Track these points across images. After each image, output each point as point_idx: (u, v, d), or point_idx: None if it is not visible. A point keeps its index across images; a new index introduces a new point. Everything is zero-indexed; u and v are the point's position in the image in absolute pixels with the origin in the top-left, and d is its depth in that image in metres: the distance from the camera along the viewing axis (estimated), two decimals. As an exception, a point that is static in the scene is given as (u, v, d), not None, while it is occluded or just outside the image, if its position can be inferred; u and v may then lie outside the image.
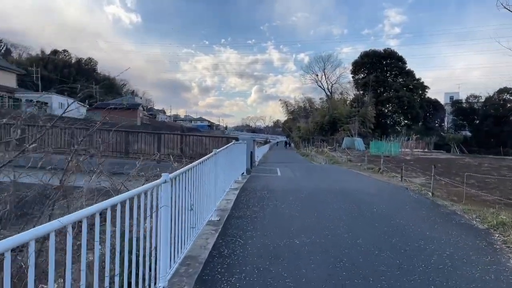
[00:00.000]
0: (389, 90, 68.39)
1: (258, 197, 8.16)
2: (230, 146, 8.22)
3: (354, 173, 14.54)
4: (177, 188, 3.84)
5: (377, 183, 11.27)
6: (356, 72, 74.53)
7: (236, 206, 7.19)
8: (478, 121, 70.61)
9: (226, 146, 7.64)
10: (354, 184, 10.59)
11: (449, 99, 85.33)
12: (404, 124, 68.11)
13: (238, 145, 10.35)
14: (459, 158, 31.51)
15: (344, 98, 71.98)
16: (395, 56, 72.82)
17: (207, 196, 5.85)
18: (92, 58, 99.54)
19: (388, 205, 7.41)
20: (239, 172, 11.07)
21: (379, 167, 16.92)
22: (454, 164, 25.34)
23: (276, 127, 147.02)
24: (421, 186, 11.18)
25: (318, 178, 12.41)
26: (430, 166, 23.43)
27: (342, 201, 7.73)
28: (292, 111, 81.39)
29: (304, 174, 13.91)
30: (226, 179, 7.92)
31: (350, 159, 22.98)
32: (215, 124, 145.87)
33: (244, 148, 12.54)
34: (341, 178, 12.37)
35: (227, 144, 8.07)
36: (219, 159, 7.02)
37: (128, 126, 61.72)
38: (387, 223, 5.93)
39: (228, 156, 8.26)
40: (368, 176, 13.75)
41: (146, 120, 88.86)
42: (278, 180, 11.33)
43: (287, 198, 8.07)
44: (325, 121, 60.80)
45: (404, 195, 9.02)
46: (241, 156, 11.72)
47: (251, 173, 13.36)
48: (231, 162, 8.74)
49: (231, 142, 8.77)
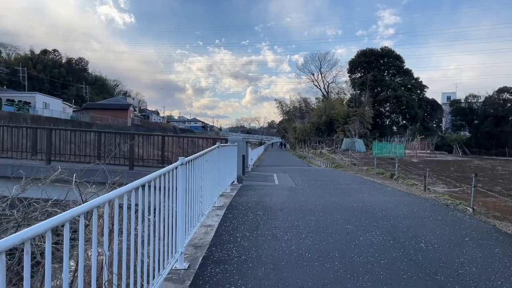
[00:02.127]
0: (387, 89, 66.51)
1: (250, 221, 5.89)
2: (211, 152, 5.94)
3: (364, 181, 12.30)
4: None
5: (399, 195, 9.04)
6: (352, 71, 72.67)
7: (218, 239, 4.91)
8: (478, 121, 69.04)
9: (204, 151, 5.37)
10: (373, 198, 8.34)
11: (446, 99, 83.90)
12: (403, 125, 66.27)
13: (225, 149, 8.07)
14: (466, 160, 29.46)
15: (341, 98, 70.03)
16: (392, 55, 71.06)
17: (168, 233, 3.62)
18: (83, 58, 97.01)
19: (437, 236, 5.17)
20: (227, 182, 8.79)
21: (390, 172, 14.71)
22: (465, 167, 23.26)
23: (271, 128, 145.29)
24: (454, 199, 8.97)
25: (325, 188, 10.14)
26: (442, 170, 21.33)
27: (369, 228, 5.48)
28: (287, 111, 79.26)
29: (307, 182, 11.65)
30: (206, 198, 5.66)
31: (354, 163, 20.77)
32: (209, 125, 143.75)
33: (234, 152, 10.26)
34: (353, 188, 10.12)
35: (208, 149, 5.79)
36: (194, 171, 4.77)
37: (118, 127, 59.17)
38: (455, 277, 3.68)
39: (211, 165, 6.00)
40: (382, 184, 11.52)
41: (138, 121, 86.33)
42: (276, 192, 9.05)
43: (291, 222, 5.81)
44: (322, 121, 58.70)
45: (444, 214, 6.79)
46: (231, 161, 9.45)
47: (243, 181, 11.08)
48: (215, 171, 6.47)
49: (215, 146, 6.48)
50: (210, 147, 6.76)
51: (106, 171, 11.14)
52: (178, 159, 4.12)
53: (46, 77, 77.90)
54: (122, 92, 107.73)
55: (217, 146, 6.71)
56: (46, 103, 54.38)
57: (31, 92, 57.33)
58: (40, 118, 42.73)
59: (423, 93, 68.70)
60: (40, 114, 47.46)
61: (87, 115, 61.68)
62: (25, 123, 35.73)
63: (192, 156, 4.72)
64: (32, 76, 73.96)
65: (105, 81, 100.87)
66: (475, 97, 70.18)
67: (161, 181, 3.56)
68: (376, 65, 70.15)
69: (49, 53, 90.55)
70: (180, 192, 4.06)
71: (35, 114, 45.75)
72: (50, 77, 78.73)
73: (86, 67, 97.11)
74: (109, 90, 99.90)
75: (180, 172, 4.08)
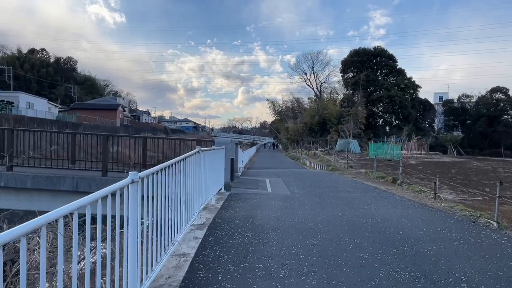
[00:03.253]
0: (380, 89, 65.75)
1: (236, 247, 4.65)
2: (187, 159, 4.70)
3: (366, 187, 11.14)
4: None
5: (410, 206, 7.87)
6: (345, 71, 71.85)
7: (192, 276, 3.67)
8: (470, 121, 68.64)
9: (175, 160, 4.13)
10: (382, 210, 7.16)
11: (438, 99, 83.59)
12: (396, 125, 65.55)
13: (209, 154, 6.83)
14: (464, 161, 28.59)
15: (334, 98, 69.08)
16: (385, 54, 70.36)
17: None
18: (72, 57, 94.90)
19: (478, 269, 3.99)
20: (212, 192, 7.55)
21: (392, 177, 13.59)
22: (466, 169, 22.32)
23: (263, 128, 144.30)
24: (469, 209, 7.84)
25: (324, 197, 8.95)
26: (443, 172, 20.29)
27: (387, 258, 4.29)
28: (279, 111, 78.06)
29: (303, 188, 10.45)
30: (180, 217, 4.43)
31: (350, 165, 19.62)
32: (200, 125, 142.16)
33: (221, 156, 9.02)
34: (356, 197, 8.93)
35: (182, 156, 4.54)
36: (158, 188, 3.56)
37: (106, 128, 57.41)
38: None
39: (188, 175, 4.76)
40: (386, 191, 10.36)
41: (127, 122, 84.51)
42: (269, 203, 7.83)
43: (288, 248, 4.59)
44: (315, 121, 57.62)
45: (475, 235, 5.62)
46: (217, 167, 8.21)
47: (232, 188, 9.83)
48: (194, 182, 5.23)
49: (193, 151, 5.23)
50: (190, 149, 5.56)
51: (75, 178, 9.80)
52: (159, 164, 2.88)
53: (34, 76, 75.88)
54: (113, 92, 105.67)
55: (197, 151, 5.47)
56: (30, 103, 52.46)
57: (15, 91, 55.27)
58: (24, 119, 40.95)
59: (416, 93, 68.13)
60: (24, 114, 45.62)
61: (74, 116, 59.77)
62: (8, 123, 33.99)
63: (155, 168, 3.47)
64: (19, 75, 71.89)
65: (94, 80, 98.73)
66: (468, 97, 69.79)
67: (101, 207, 2.35)
68: (369, 65, 69.42)
69: (37, 52, 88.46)
70: (131, 222, 2.81)
71: (18, 114, 43.92)
72: (37, 77, 76.74)
73: (75, 66, 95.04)
74: (99, 90, 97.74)
75: (132, 192, 2.84)
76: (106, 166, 9.93)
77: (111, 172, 10.01)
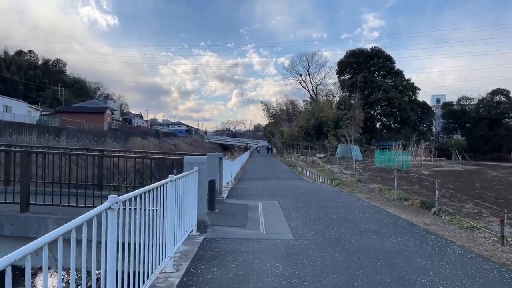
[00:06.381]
0: (378, 91, 63.19)
1: None
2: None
3: (396, 221, 8.19)
4: None
5: (492, 270, 4.94)
6: (341, 72, 69.25)
7: None
8: (470, 124, 66.32)
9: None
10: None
11: (436, 101, 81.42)
12: (394, 128, 62.98)
13: (168, 187, 3.85)
14: (478, 170, 25.86)
15: (330, 101, 66.38)
16: (382, 55, 67.92)
17: None
18: (61, 60, 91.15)
19: None
20: (169, 250, 4.58)
21: (420, 199, 10.69)
22: (487, 181, 19.56)
23: (257, 131, 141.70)
24: None
25: (348, 248, 5.98)
26: (466, 187, 17.36)
27: None
28: (273, 114, 75.21)
29: (310, 225, 7.49)
30: None
31: (359, 179, 16.69)
32: (194, 128, 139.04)
33: (191, 182, 6.02)
34: (392, 248, 5.96)
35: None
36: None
37: (93, 132, 53.96)
38: None
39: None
40: (429, 230, 7.43)
41: (116, 125, 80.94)
42: (262, 268, 4.87)
43: None
44: (311, 125, 54.83)
45: None
46: (183, 201, 5.27)
47: (209, 228, 6.84)
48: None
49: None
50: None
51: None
52: None
53: (21, 79, 72.28)
54: (104, 95, 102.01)
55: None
56: (8, 106, 48.89)
57: (-11, 94, 51.67)
58: (0, 123, 37.56)
59: (415, 95, 65.73)
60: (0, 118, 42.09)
61: (57, 120, 56.18)
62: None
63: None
64: (5, 78, 68.32)
65: (84, 83, 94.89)
66: (468, 100, 67.50)
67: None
68: (366, 66, 66.97)
69: (25, 54, 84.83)
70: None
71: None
72: (25, 79, 73.22)
73: (64, 69, 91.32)
74: (89, 93, 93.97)
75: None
76: (27, 197, 6.86)
77: (33, 205, 6.94)
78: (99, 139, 47.15)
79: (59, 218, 6.75)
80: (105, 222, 2.76)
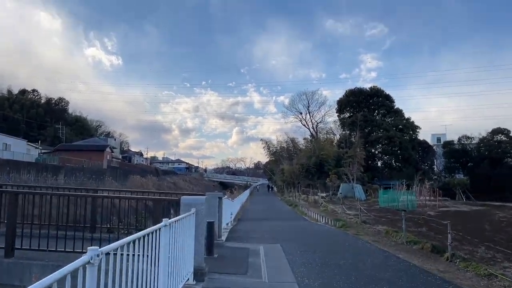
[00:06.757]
0: (378, 129, 63.38)
1: None
2: None
3: (408, 269, 7.61)
4: None
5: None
6: (341, 111, 69.89)
7: None
8: (472, 163, 65.85)
9: None
10: None
11: (436, 140, 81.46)
12: (396, 167, 62.47)
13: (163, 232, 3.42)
14: (485, 211, 25.12)
15: (331, 139, 66.43)
16: (382, 94, 68.86)
17: None
18: (64, 98, 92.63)
19: None
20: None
21: (431, 243, 10.10)
22: (496, 222, 18.85)
23: (257, 169, 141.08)
24: None
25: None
26: (477, 229, 16.70)
27: None
28: (274, 152, 75.05)
29: (317, 272, 6.92)
30: None
31: (364, 220, 16.05)
32: (193, 166, 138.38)
33: (189, 226, 5.56)
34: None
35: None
36: None
37: (92, 170, 53.44)
38: None
39: None
40: (444, 279, 6.85)
41: (116, 163, 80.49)
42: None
43: None
44: (312, 162, 54.37)
45: None
46: (179, 246, 4.80)
47: (207, 276, 6.27)
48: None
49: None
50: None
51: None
52: None
53: (23, 118, 73.02)
54: (105, 133, 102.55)
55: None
56: (7, 144, 48.79)
57: (-10, 133, 51.74)
58: (7, 162, 37.16)
59: (416, 134, 65.84)
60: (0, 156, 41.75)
61: (56, 158, 55.79)
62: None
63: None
64: (8, 116, 68.99)
65: (85, 121, 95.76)
66: (469, 139, 67.51)
67: None
68: (366, 105, 67.71)
69: (28, 93, 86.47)
70: None
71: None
72: (27, 118, 73.97)
73: (66, 107, 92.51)
74: (90, 131, 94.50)
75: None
76: (12, 242, 6.36)
77: (19, 250, 6.43)
78: (97, 177, 46.71)
79: (45, 264, 6.26)
80: (82, 280, 2.33)
